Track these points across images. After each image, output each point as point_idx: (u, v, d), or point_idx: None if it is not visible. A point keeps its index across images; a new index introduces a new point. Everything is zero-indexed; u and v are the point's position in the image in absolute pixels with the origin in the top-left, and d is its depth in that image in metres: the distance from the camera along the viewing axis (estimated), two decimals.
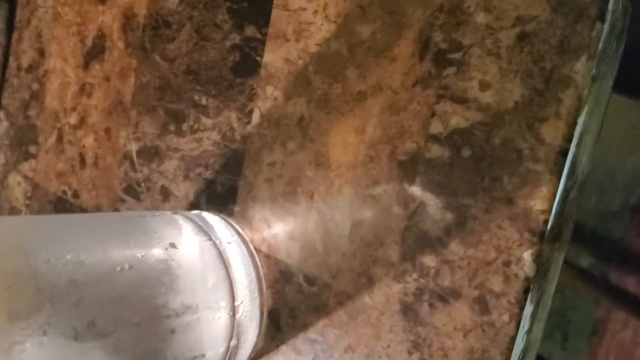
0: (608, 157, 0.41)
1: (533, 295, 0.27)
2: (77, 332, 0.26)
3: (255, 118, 0.35)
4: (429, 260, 0.29)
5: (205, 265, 0.32)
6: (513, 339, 0.27)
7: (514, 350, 0.27)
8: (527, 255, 0.26)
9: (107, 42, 0.42)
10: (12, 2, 0.49)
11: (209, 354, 0.31)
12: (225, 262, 0.33)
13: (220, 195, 0.36)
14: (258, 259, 0.34)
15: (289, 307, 0.33)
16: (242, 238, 0.35)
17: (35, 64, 0.48)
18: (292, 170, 0.33)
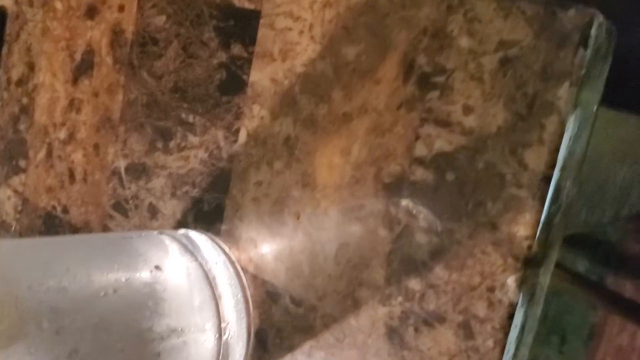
0: (598, 171, 0.41)
1: (517, 321, 0.27)
2: None
3: (242, 137, 0.35)
4: (414, 284, 0.29)
5: (191, 287, 0.32)
6: None
7: None
8: (511, 281, 0.26)
9: (95, 57, 0.42)
10: (1, 15, 0.49)
11: None
12: (212, 282, 0.33)
13: (208, 214, 0.36)
14: (245, 279, 0.34)
15: (276, 327, 0.33)
16: (229, 258, 0.35)
17: (25, 78, 0.47)
18: (278, 190, 0.33)
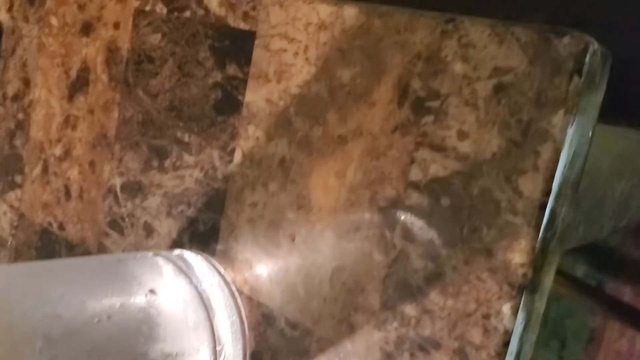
0: (596, 187, 0.41)
1: (513, 348, 0.27)
2: None
3: (237, 157, 0.35)
4: (410, 309, 0.29)
5: (186, 309, 0.32)
6: None
7: None
8: (506, 309, 0.26)
9: (91, 74, 0.42)
10: None
11: None
12: (207, 304, 0.33)
13: (203, 234, 0.36)
14: (240, 301, 0.34)
15: (272, 350, 0.33)
16: (224, 279, 0.34)
17: (21, 94, 0.47)
18: (273, 212, 0.33)
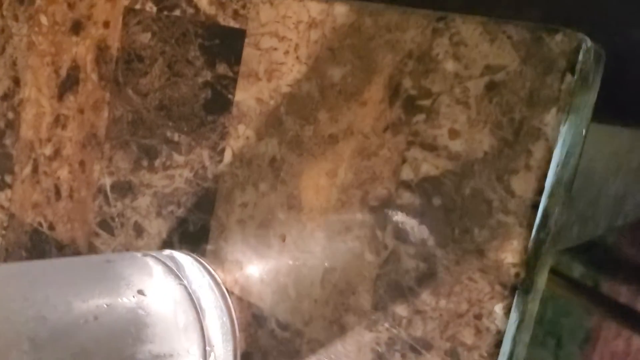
0: (590, 186, 0.40)
1: (505, 349, 0.26)
2: None
3: (227, 157, 0.34)
4: (401, 310, 0.28)
5: (176, 310, 0.31)
6: None
7: None
8: (498, 309, 0.26)
9: (81, 73, 0.42)
10: None
11: None
12: (197, 305, 0.32)
13: (193, 234, 0.36)
14: (230, 302, 0.34)
15: (262, 352, 0.33)
16: (214, 280, 0.34)
17: (11, 92, 0.47)
18: (264, 212, 0.33)
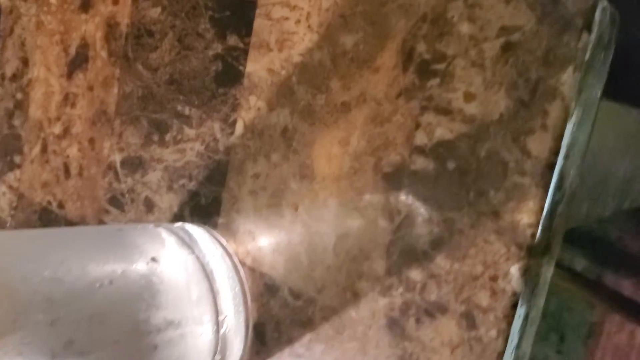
0: (599, 164, 0.40)
1: (521, 311, 0.26)
2: (54, 351, 0.25)
3: (239, 129, 0.34)
4: (415, 275, 0.28)
5: (188, 280, 0.31)
6: (501, 355, 0.26)
7: None
8: (514, 270, 0.26)
9: (90, 51, 0.42)
10: None
11: None
12: (209, 276, 0.32)
13: (204, 207, 0.36)
14: (242, 272, 0.34)
15: (275, 321, 0.33)
16: (226, 251, 0.34)
17: (19, 73, 0.47)
18: (276, 183, 0.33)
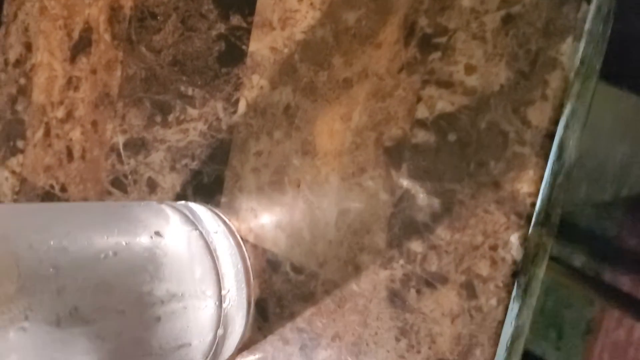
0: (598, 147, 0.41)
1: (521, 280, 0.27)
2: (59, 318, 0.25)
3: (242, 107, 0.35)
4: (416, 246, 0.29)
5: (192, 255, 0.32)
6: (501, 324, 0.27)
7: (503, 337, 0.27)
8: (514, 239, 0.26)
9: (93, 34, 0.42)
10: None
11: (195, 343, 0.31)
12: (212, 252, 0.33)
13: (207, 186, 0.36)
14: (245, 249, 0.34)
15: (276, 296, 0.33)
16: (229, 228, 0.34)
17: (23, 59, 0.47)
18: (278, 160, 0.33)
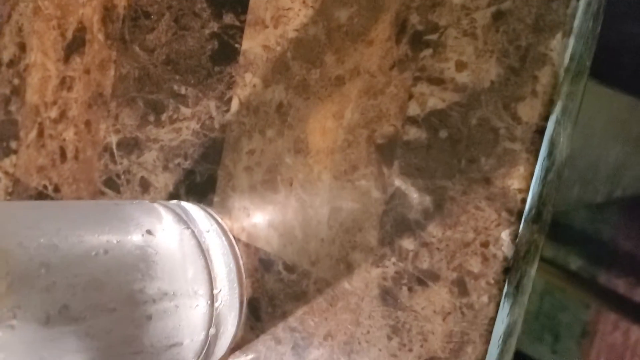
0: (590, 147, 0.41)
1: (512, 277, 0.27)
2: (49, 316, 0.25)
3: (234, 106, 0.35)
4: (408, 244, 0.29)
5: (184, 254, 0.32)
6: (493, 321, 0.27)
7: (494, 334, 0.27)
8: (505, 235, 0.26)
9: (87, 34, 0.42)
10: None
11: (187, 342, 0.31)
12: (204, 251, 0.33)
13: (200, 185, 0.36)
14: (237, 249, 0.34)
15: (269, 295, 0.33)
16: (221, 227, 0.34)
17: (16, 59, 0.47)
18: (271, 158, 0.33)
